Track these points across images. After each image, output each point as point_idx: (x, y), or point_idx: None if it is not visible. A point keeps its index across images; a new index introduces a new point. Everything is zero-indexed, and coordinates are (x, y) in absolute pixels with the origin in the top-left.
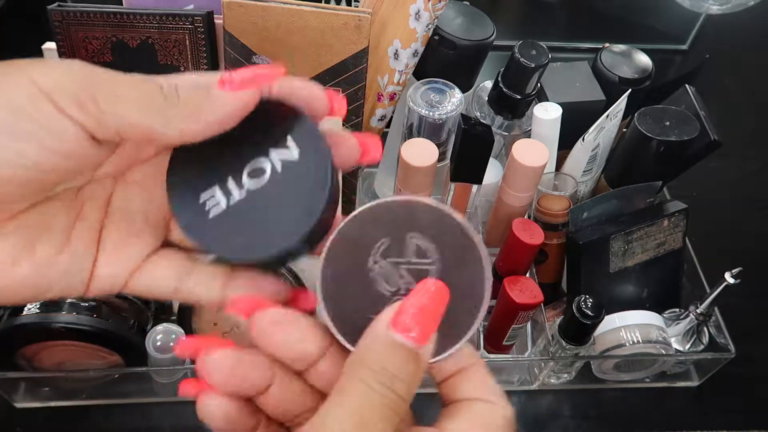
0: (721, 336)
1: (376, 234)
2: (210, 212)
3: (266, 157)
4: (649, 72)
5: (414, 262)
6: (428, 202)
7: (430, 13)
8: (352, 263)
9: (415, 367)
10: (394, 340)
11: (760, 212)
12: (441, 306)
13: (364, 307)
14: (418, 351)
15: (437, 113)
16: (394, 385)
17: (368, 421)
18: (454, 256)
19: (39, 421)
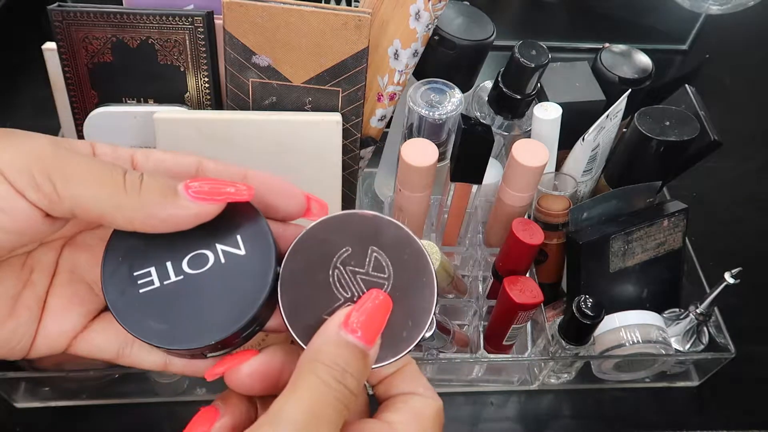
0: (721, 336)
1: (342, 241)
2: (140, 289)
3: (211, 250)
4: (649, 72)
5: (371, 273)
6: (397, 224)
7: (430, 13)
8: (313, 264)
9: (363, 364)
10: (346, 339)
11: (760, 212)
12: (384, 315)
13: (319, 307)
14: (366, 351)
15: (437, 113)
16: (345, 379)
17: (320, 413)
18: (408, 277)
19: (39, 421)
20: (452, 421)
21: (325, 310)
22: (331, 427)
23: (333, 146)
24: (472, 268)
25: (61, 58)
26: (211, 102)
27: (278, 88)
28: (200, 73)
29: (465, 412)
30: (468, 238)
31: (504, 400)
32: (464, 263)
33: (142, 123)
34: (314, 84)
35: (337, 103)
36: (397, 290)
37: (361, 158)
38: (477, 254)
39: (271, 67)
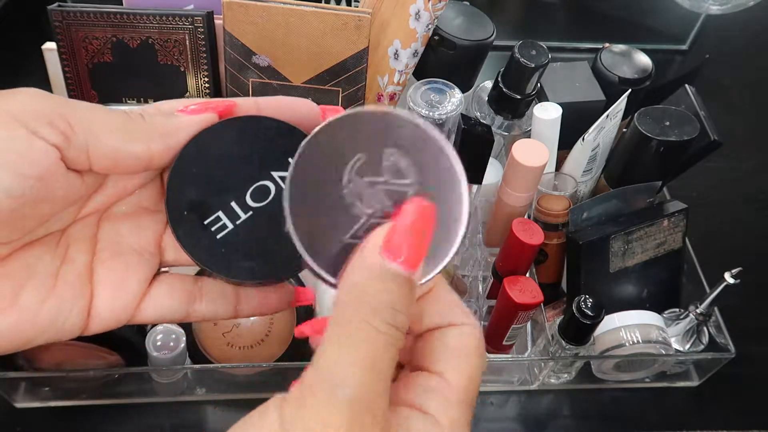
0: (721, 336)
1: (352, 148)
2: (217, 235)
3: (268, 179)
4: (649, 72)
5: (392, 182)
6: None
7: (430, 13)
8: (323, 181)
9: (410, 295)
10: (389, 269)
11: (760, 212)
12: (430, 227)
13: (338, 230)
14: (411, 278)
15: (437, 113)
16: (396, 320)
17: (379, 365)
18: (433, 175)
19: (39, 421)
20: None
21: (347, 232)
22: (389, 375)
23: None
24: (472, 268)
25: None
26: None
27: (278, 88)
28: (200, 73)
29: None
30: (468, 238)
31: (504, 400)
32: (464, 263)
33: None
34: (314, 84)
35: (337, 103)
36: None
37: None
38: (477, 254)
39: (271, 67)
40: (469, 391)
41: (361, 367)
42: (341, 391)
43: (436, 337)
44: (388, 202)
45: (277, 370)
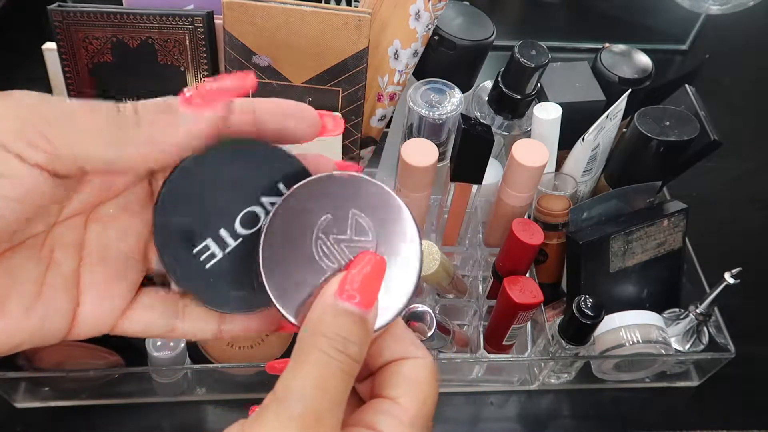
0: (721, 336)
1: (320, 208)
2: (205, 264)
3: (258, 205)
4: (649, 72)
5: (354, 239)
6: (374, 181)
7: (430, 13)
8: (294, 237)
9: (363, 330)
10: (343, 307)
11: (760, 212)
12: (380, 275)
13: (306, 281)
14: (365, 316)
15: (437, 113)
16: (348, 348)
17: (327, 385)
18: (391, 235)
19: (39, 421)
20: (452, 421)
21: (315, 284)
22: (339, 397)
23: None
24: (472, 268)
25: (61, 58)
26: None
27: (278, 88)
28: (200, 73)
29: (465, 412)
30: (468, 238)
31: (504, 400)
32: (464, 263)
33: None
34: (314, 84)
35: (337, 103)
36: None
37: (361, 158)
38: (477, 254)
39: (271, 67)
40: (421, 416)
41: (311, 386)
42: (292, 406)
43: (392, 369)
44: (351, 256)
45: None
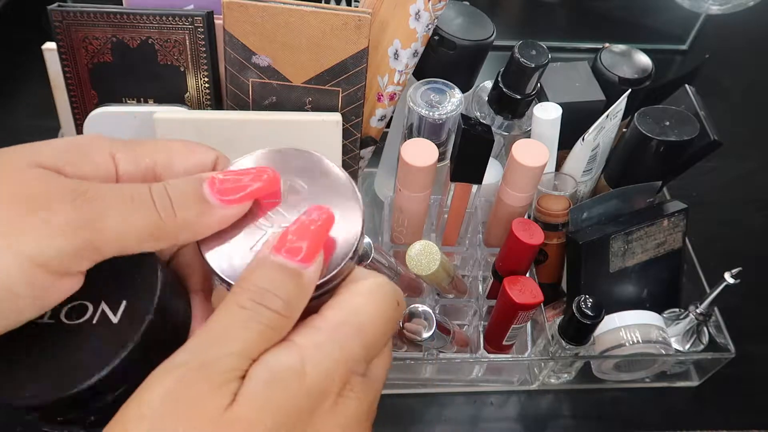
0: (721, 336)
1: None
2: None
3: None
4: (649, 72)
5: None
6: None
7: (430, 13)
8: None
9: (296, 285)
10: (275, 261)
11: (760, 212)
12: (325, 227)
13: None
14: (302, 270)
15: (437, 113)
16: (267, 300)
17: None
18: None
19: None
20: (452, 421)
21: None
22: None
23: (333, 146)
24: (472, 268)
25: (61, 58)
26: (211, 102)
27: (278, 88)
28: (200, 73)
29: (465, 412)
30: (468, 238)
31: (504, 400)
32: (464, 263)
33: (142, 123)
34: (314, 84)
35: (337, 103)
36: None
37: (361, 158)
38: (477, 254)
39: (271, 67)
40: (348, 326)
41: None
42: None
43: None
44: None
45: None
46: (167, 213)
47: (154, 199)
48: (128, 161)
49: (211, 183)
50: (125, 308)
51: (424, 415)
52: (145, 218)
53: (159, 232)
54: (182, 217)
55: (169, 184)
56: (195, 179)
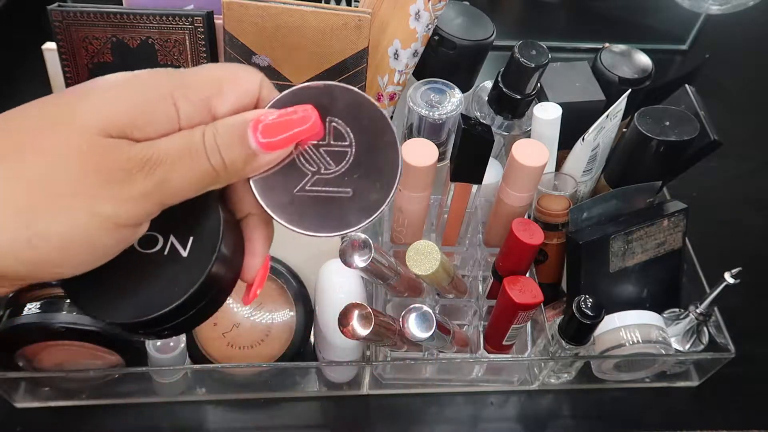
0: (721, 336)
1: None
2: None
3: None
4: (649, 72)
5: (332, 144)
6: (349, 87)
7: (430, 13)
8: None
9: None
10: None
11: (760, 212)
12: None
13: (291, 186)
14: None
15: (437, 113)
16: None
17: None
18: (369, 141)
19: (39, 421)
20: (452, 421)
21: (296, 186)
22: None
23: None
24: (472, 268)
25: (61, 58)
26: None
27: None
28: None
29: (465, 412)
30: (468, 238)
31: (504, 400)
32: (464, 263)
33: None
34: None
35: None
36: (361, 155)
37: None
38: (477, 254)
39: (271, 67)
40: None
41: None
42: None
43: None
44: (330, 161)
45: (277, 370)
46: (219, 164)
47: (207, 152)
48: (186, 102)
49: (254, 127)
50: (192, 244)
51: (424, 415)
52: (201, 171)
53: (213, 181)
54: (231, 165)
55: (218, 133)
56: (240, 124)
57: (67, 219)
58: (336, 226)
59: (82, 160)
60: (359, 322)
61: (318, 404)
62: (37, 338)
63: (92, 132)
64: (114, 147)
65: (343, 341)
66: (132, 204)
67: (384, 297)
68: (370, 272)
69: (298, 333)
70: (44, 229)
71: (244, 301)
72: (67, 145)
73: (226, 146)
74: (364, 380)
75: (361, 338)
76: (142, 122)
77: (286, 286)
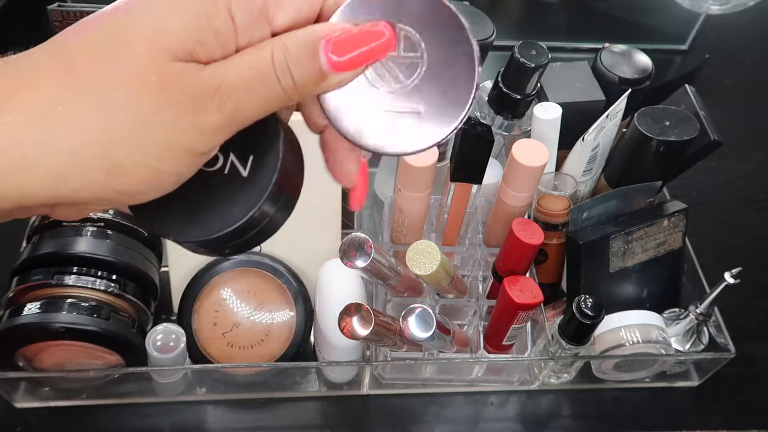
0: (721, 336)
1: None
2: None
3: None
4: (649, 72)
5: (403, 55)
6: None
7: None
8: None
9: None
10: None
11: (760, 212)
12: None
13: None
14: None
15: None
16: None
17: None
18: (442, 50)
19: (39, 421)
20: (452, 421)
21: (365, 103)
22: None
23: None
24: (472, 268)
25: None
26: None
27: None
28: None
29: (465, 412)
30: (468, 238)
31: (504, 400)
32: (464, 263)
33: None
34: None
35: None
36: (433, 67)
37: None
38: (477, 254)
39: None
40: None
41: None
42: None
43: None
44: (400, 74)
45: (277, 370)
46: (289, 86)
47: (277, 74)
48: (244, 11)
49: (326, 47)
50: (252, 163)
51: (424, 415)
52: (272, 94)
53: (283, 103)
54: (302, 88)
55: (288, 52)
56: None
57: (145, 151)
58: (407, 144)
59: (154, 91)
60: (359, 322)
61: (318, 404)
62: (37, 338)
63: (161, 57)
64: (183, 73)
65: (343, 341)
66: (207, 135)
67: (384, 297)
68: (370, 272)
69: (298, 333)
70: (123, 160)
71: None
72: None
73: (297, 66)
74: (364, 380)
75: (360, 338)
76: (205, 39)
77: (286, 286)
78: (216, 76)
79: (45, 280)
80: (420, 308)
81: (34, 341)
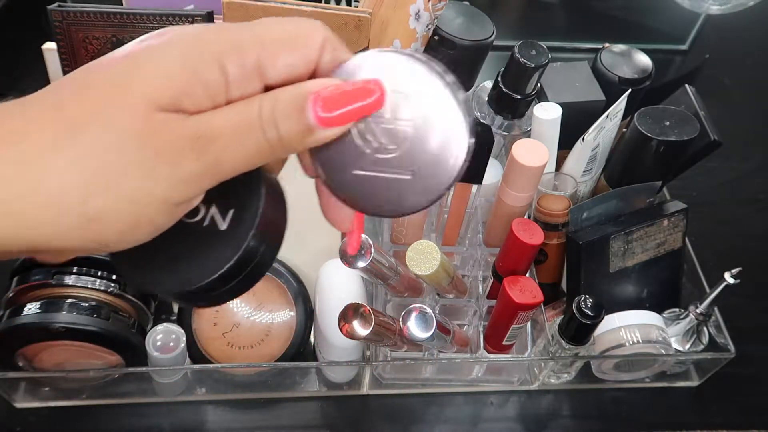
0: (721, 336)
1: None
2: None
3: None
4: (649, 72)
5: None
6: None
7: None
8: None
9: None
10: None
11: (759, 212)
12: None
13: (348, 162)
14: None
15: None
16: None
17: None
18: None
19: (39, 421)
20: (452, 421)
21: (356, 165)
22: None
23: None
24: (472, 268)
25: (61, 58)
26: None
27: None
28: None
29: (465, 412)
30: (468, 238)
31: (504, 400)
32: (464, 263)
33: None
34: None
35: None
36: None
37: None
38: (477, 254)
39: None
40: None
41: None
42: None
43: None
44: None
45: (277, 370)
46: (275, 142)
47: (263, 126)
48: (236, 65)
49: (314, 103)
50: (232, 217)
51: (424, 415)
52: (256, 148)
53: (266, 156)
54: (288, 142)
55: (277, 109)
56: (300, 96)
57: (122, 200)
58: (393, 210)
59: (138, 140)
60: (359, 322)
61: (318, 404)
62: (37, 338)
63: (148, 108)
64: (166, 122)
65: (343, 341)
66: (186, 185)
67: (384, 297)
68: (370, 272)
69: (298, 333)
70: (100, 207)
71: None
72: (123, 125)
73: (284, 120)
74: (364, 380)
75: (360, 338)
76: (193, 91)
77: (286, 286)
78: (200, 125)
79: (45, 280)
80: (420, 308)
81: (34, 341)
